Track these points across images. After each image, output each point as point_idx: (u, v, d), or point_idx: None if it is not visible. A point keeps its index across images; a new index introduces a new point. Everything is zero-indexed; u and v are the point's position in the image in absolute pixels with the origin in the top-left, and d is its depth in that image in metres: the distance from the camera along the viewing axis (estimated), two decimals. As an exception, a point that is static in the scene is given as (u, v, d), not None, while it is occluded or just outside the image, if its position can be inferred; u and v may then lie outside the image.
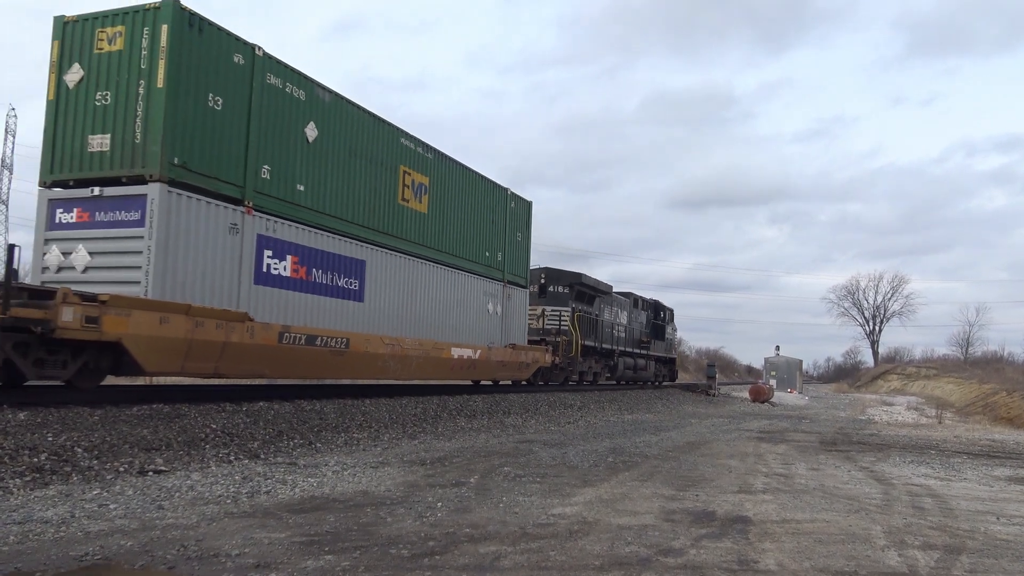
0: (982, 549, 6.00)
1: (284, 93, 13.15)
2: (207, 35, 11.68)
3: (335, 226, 14.38)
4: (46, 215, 11.67)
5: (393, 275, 16.11)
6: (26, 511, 5.88)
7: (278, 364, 12.86)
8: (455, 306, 18.57)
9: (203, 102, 11.63)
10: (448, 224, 18.26)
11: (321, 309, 13.93)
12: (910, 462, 12.11)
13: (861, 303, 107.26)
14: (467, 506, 6.81)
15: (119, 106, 11.29)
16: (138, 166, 11.08)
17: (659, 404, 27.87)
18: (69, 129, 11.61)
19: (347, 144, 14.70)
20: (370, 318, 15.26)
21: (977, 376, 61.72)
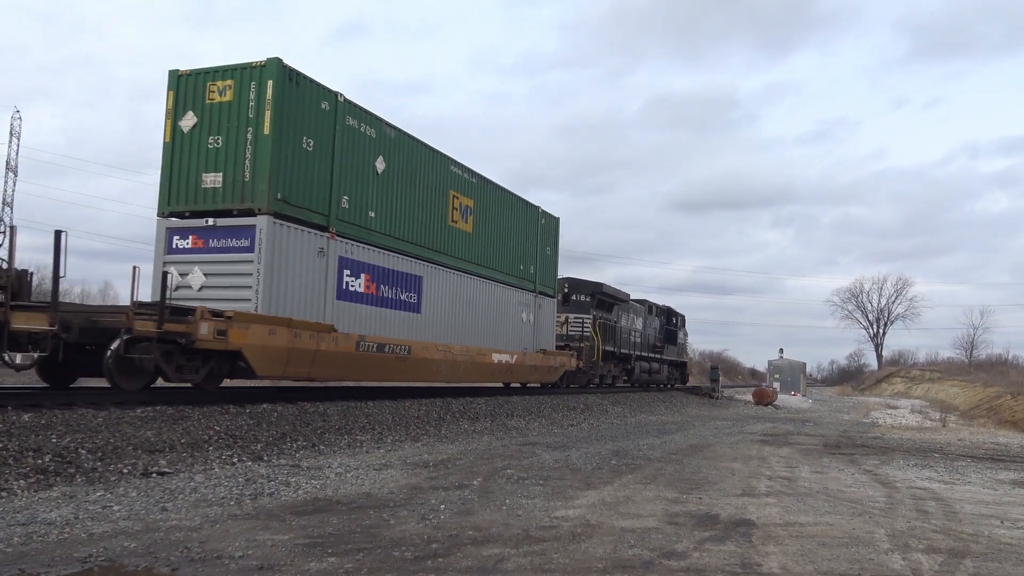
0: (986, 553, 5.98)
1: (359, 132, 15.02)
2: (302, 87, 13.51)
3: (398, 247, 16.27)
4: (164, 241, 13.47)
5: (444, 289, 18.00)
6: (30, 512, 5.89)
7: (355, 369, 14.69)
8: (495, 315, 20.37)
9: (299, 144, 13.46)
10: (489, 241, 20.09)
11: (388, 320, 15.88)
12: (914, 465, 12.08)
13: (865, 306, 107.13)
14: (470, 508, 6.81)
15: (230, 149, 13.12)
16: (248, 200, 12.91)
17: (662, 407, 27.84)
18: (184, 168, 13.45)
19: (408, 174, 16.58)
20: (426, 327, 17.09)
21: (981, 379, 61.56)
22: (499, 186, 20.77)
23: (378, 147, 15.51)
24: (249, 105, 12.98)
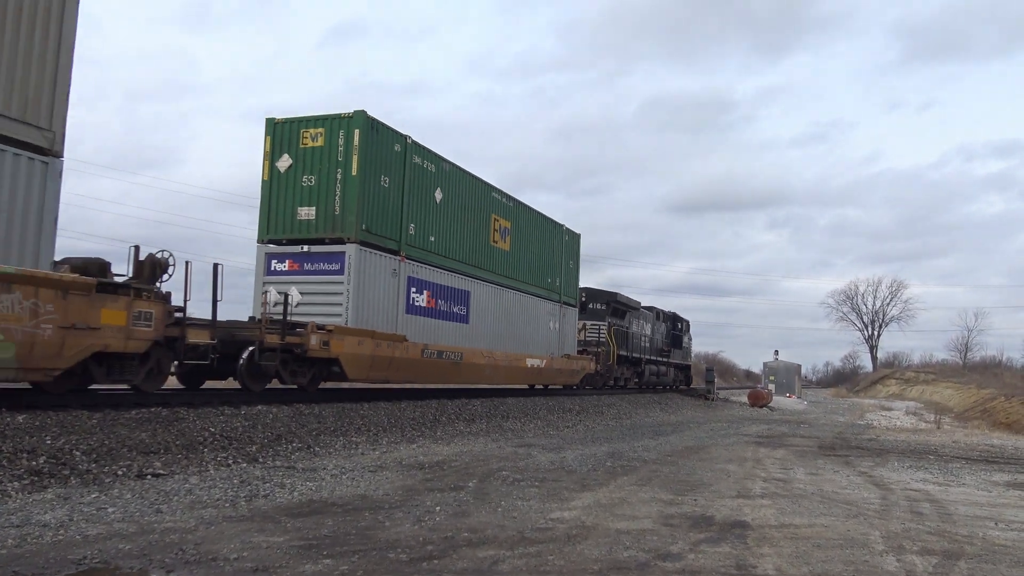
0: (980, 554, 6.00)
1: (423, 168, 17.37)
2: (380, 133, 15.72)
3: (452, 266, 18.58)
4: (264, 264, 15.62)
5: (487, 301, 20.24)
6: (24, 514, 5.87)
7: (420, 372, 16.98)
8: (527, 324, 22.66)
9: (378, 182, 15.68)
10: (523, 258, 22.41)
11: (444, 330, 18.03)
12: (909, 467, 12.11)
13: (860, 308, 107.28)
14: (465, 510, 6.81)
15: (322, 187, 15.28)
16: (338, 231, 15.10)
17: (657, 408, 27.87)
18: (281, 202, 15.63)
19: (459, 201, 18.94)
20: (473, 336, 19.33)
21: (976, 381, 61.76)
22: (530, 208, 23.11)
23: (436, 180, 17.94)
24: (339, 149, 15.23)
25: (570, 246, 26.09)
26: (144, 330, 10.45)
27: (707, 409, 32.44)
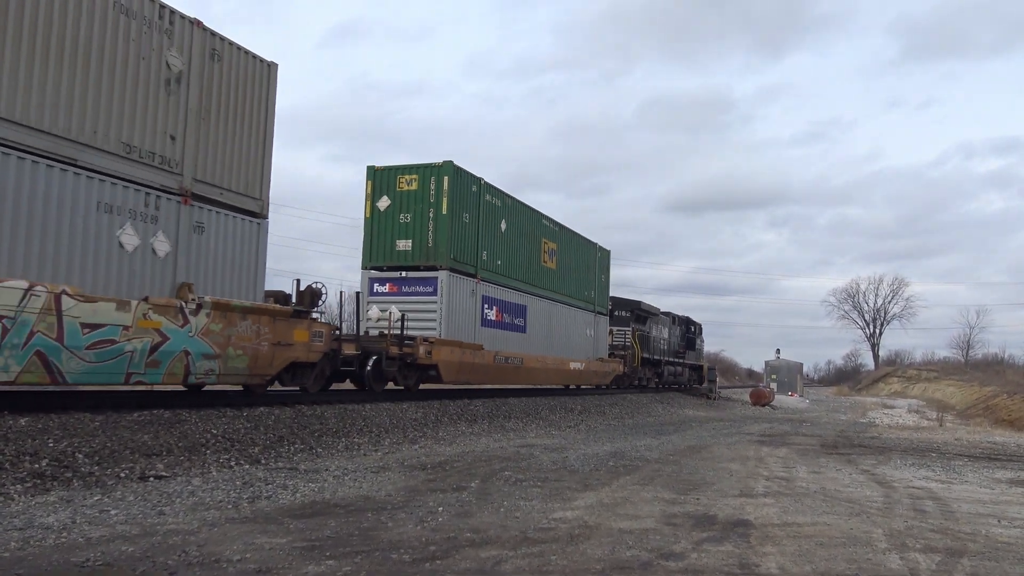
0: (983, 552, 6.00)
1: (492, 204, 20.33)
2: (463, 178, 18.60)
3: (513, 284, 21.53)
4: (367, 286, 18.53)
5: (539, 314, 23.23)
6: (27, 517, 5.88)
7: (493, 375, 20.14)
8: (570, 332, 25.69)
9: (462, 218, 18.65)
10: (566, 274, 25.37)
11: (508, 340, 21.07)
12: (911, 465, 12.10)
13: (861, 306, 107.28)
14: (468, 511, 6.81)
15: (416, 223, 18.24)
16: (431, 259, 18.03)
17: (659, 408, 27.85)
18: (381, 236, 18.56)
19: (519, 229, 21.92)
20: (529, 344, 22.32)
21: (978, 379, 61.73)
22: (571, 230, 26.17)
23: (502, 213, 20.86)
24: (430, 192, 18.13)
25: (602, 262, 29.36)
26: (318, 345, 13.80)
27: (709, 408, 32.42)
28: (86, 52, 9.95)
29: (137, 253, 10.61)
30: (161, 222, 11.02)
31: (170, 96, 11.21)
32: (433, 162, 18.24)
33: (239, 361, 11.85)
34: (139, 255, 10.64)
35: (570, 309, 25.63)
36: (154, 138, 10.97)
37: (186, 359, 10.90)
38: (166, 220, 11.09)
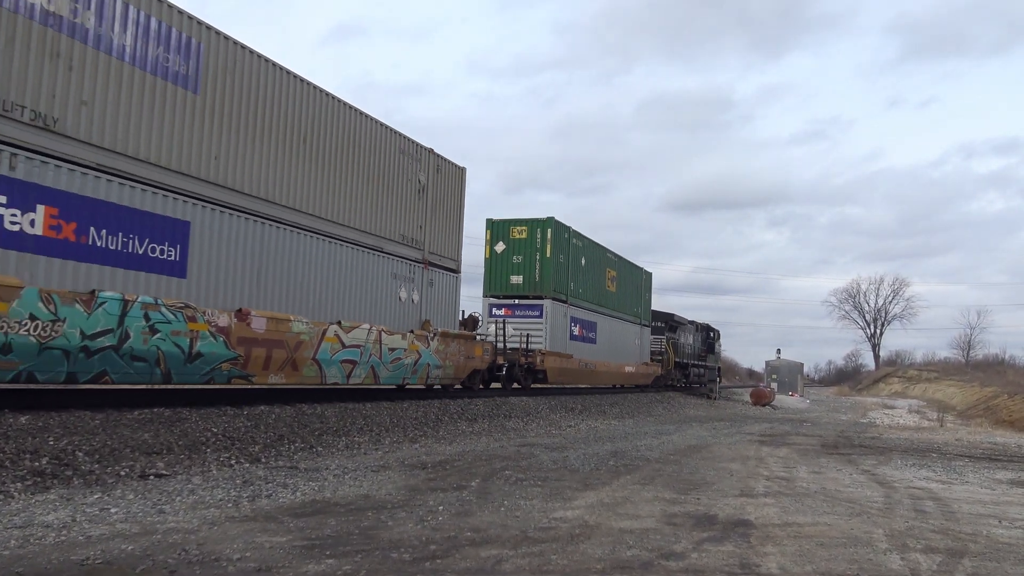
0: (984, 552, 5.99)
1: (576, 245, 26.24)
2: (559, 228, 24.61)
3: (589, 306, 27.52)
4: (487, 310, 23.97)
5: (605, 328, 29.12)
6: (27, 515, 5.88)
7: (578, 377, 26.46)
8: (624, 341, 31.67)
9: (558, 259, 24.54)
10: (621, 295, 31.26)
11: (585, 349, 26.87)
12: (912, 465, 12.09)
13: (862, 306, 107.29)
14: (468, 510, 6.80)
15: (526, 263, 24.15)
16: (538, 291, 23.93)
17: (660, 407, 27.84)
18: (498, 272, 24.51)
19: (592, 263, 27.94)
20: (599, 352, 28.34)
21: (978, 379, 61.69)
22: (625, 259, 32.07)
23: (582, 252, 26.80)
24: (536, 239, 24.18)
25: (646, 282, 35.23)
26: (487, 358, 19.91)
27: (709, 408, 32.41)
28: (387, 180, 15.88)
29: (406, 303, 16.50)
30: (415, 282, 16.92)
31: (419, 201, 17.11)
32: (538, 217, 24.43)
33: (450, 369, 17.83)
34: (407, 304, 16.53)
35: (624, 323, 31.61)
36: (412, 229, 16.84)
37: (428, 368, 16.85)
38: (416, 280, 16.95)
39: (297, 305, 13.18)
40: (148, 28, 10.51)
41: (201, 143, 11.38)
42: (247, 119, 12.20)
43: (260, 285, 12.44)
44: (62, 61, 9.43)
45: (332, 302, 14.06)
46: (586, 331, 26.99)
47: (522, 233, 24.13)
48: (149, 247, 10.52)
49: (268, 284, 12.61)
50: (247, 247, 12.20)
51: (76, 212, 9.59)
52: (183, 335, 10.74)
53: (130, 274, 10.23)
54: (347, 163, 14.57)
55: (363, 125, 15.07)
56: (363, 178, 15.02)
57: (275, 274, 12.76)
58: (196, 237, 11.26)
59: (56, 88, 9.37)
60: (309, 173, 13.58)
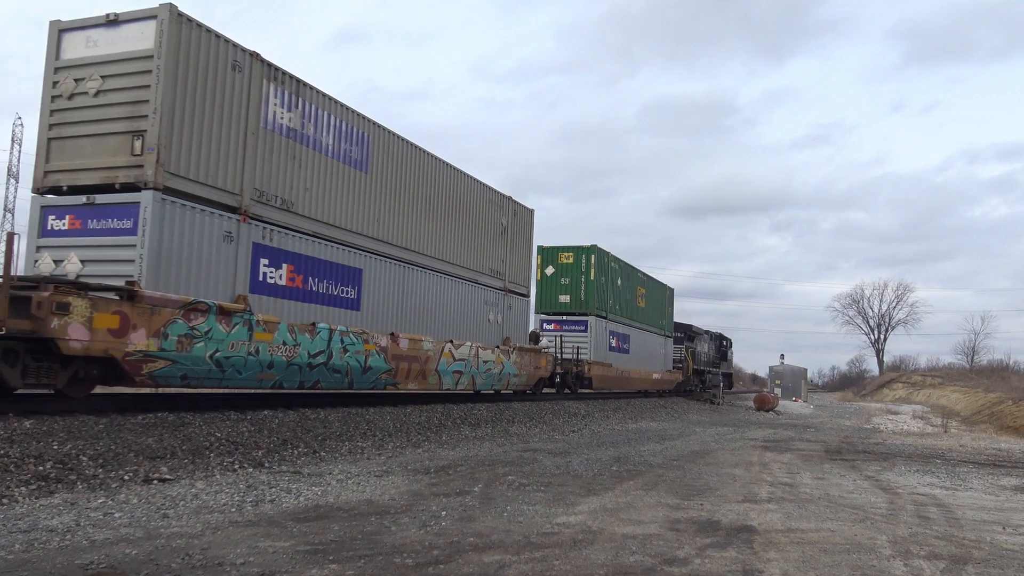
0: (988, 559, 5.97)
1: (614, 268, 30.12)
2: (602, 255, 28.48)
3: (625, 320, 31.43)
4: (539, 326, 26.93)
5: (637, 339, 32.98)
6: (31, 519, 5.89)
7: (616, 383, 29.99)
8: (652, 351, 35.63)
9: (600, 281, 28.28)
10: (650, 310, 35.18)
11: (620, 359, 30.56)
12: (915, 471, 12.06)
13: (866, 311, 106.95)
14: (471, 515, 6.81)
15: (572, 285, 27.78)
16: (583, 309, 27.61)
17: (663, 413, 27.80)
18: (548, 292, 27.97)
19: (627, 283, 31.91)
20: (631, 361, 31.97)
21: (983, 385, 61.44)
22: (654, 278, 36.59)
23: (618, 273, 30.71)
24: (582, 264, 27.87)
25: (669, 297, 39.22)
26: (549, 368, 23.46)
27: (712, 413, 32.34)
28: (480, 225, 19.83)
29: (492, 323, 20.29)
30: (499, 306, 20.74)
31: (502, 239, 21.01)
32: (583, 245, 28.16)
33: (524, 377, 21.70)
34: (493, 324, 20.33)
35: (652, 335, 35.52)
36: (497, 262, 20.74)
37: (509, 376, 20.71)
38: (500, 305, 20.77)
39: (423, 328, 16.95)
40: (340, 130, 14.35)
41: (369, 209, 15.19)
42: (394, 187, 16.04)
43: (402, 313, 16.24)
44: (295, 161, 13.20)
45: (445, 325, 17.90)
46: (621, 343, 30.75)
47: (569, 259, 27.92)
48: (339, 289, 14.26)
49: (407, 312, 16.42)
50: (394, 285, 16.01)
51: (302, 267, 13.32)
52: (361, 353, 14.39)
53: (329, 309, 13.93)
54: (454, 214, 18.52)
55: (464, 182, 19.03)
56: (464, 224, 18.99)
57: (411, 304, 16.56)
58: (366, 280, 15.07)
59: (292, 180, 13.13)
60: (430, 224, 17.42)
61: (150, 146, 10.69)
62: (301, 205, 13.28)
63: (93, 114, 11.18)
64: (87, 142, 11.18)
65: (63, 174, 11.27)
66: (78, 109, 11.30)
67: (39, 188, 11.45)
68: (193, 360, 10.96)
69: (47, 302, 9.14)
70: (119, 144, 10.93)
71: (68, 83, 11.39)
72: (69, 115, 11.37)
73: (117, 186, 10.85)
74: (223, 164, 11.79)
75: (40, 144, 11.51)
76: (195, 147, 11.31)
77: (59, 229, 11.18)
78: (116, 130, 10.98)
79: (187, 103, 11.16)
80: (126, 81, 11.01)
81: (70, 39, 11.58)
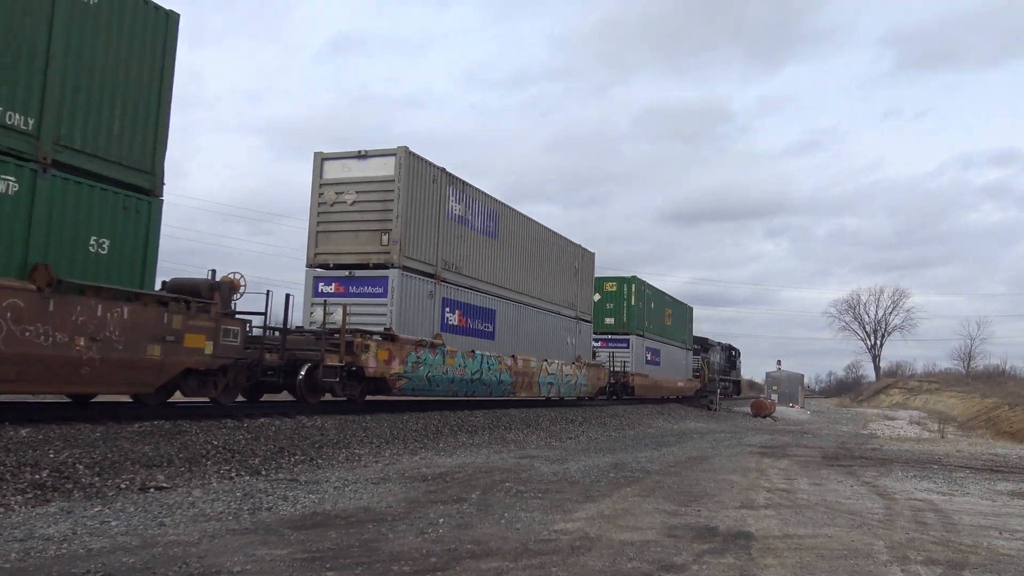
0: (985, 564, 5.99)
1: (649, 294, 34.92)
2: (639, 283, 33.86)
3: (655, 338, 35.80)
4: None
5: (665, 353, 37.58)
6: (28, 528, 5.88)
7: (651, 391, 34.42)
8: (676, 362, 40.04)
9: (640, 305, 33.67)
10: (675, 327, 39.86)
11: (653, 370, 35.14)
12: (912, 477, 12.08)
13: (862, 317, 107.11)
14: (469, 522, 6.80)
15: (616, 309, 32.93)
16: (626, 329, 32.81)
17: (660, 419, 27.80)
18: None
19: (657, 305, 36.53)
20: (662, 371, 36.59)
21: (979, 390, 61.55)
22: (679, 300, 41.67)
23: (652, 298, 35.52)
24: (624, 292, 32.88)
25: (689, 315, 44.01)
26: (605, 379, 28.78)
27: (710, 419, 32.35)
28: (561, 268, 24.90)
29: (569, 345, 25.29)
30: (573, 331, 25.75)
31: (574, 278, 26.12)
32: (625, 275, 33.68)
33: (589, 387, 26.91)
34: (570, 346, 25.30)
35: (677, 348, 40.31)
36: (571, 297, 25.83)
37: (580, 386, 25.94)
38: (573, 330, 25.80)
39: (529, 350, 22.38)
40: (483, 211, 19.99)
41: (498, 265, 20.76)
42: (512, 247, 21.59)
43: (517, 340, 21.80)
44: (461, 238, 18.76)
45: (541, 347, 23.28)
46: (654, 356, 35.63)
47: (613, 287, 32.88)
48: (483, 325, 19.89)
49: (520, 339, 21.92)
50: (513, 319, 21.63)
51: (465, 311, 18.95)
52: (497, 371, 20.07)
53: (478, 340, 19.48)
54: (545, 261, 23.79)
55: (551, 237, 24.47)
56: (551, 269, 24.30)
57: (522, 333, 22.09)
58: (498, 317, 20.67)
59: (459, 251, 18.68)
60: (531, 270, 22.82)
61: (394, 239, 16.05)
62: (464, 268, 18.89)
63: (350, 216, 16.52)
64: (346, 235, 16.56)
65: (329, 255, 16.69)
66: (338, 212, 16.64)
67: (311, 264, 16.88)
68: (418, 378, 16.42)
69: (361, 344, 14.64)
70: (370, 237, 16.30)
71: (330, 195, 16.75)
72: (332, 216, 16.71)
73: (371, 264, 16.16)
74: (428, 246, 17.25)
75: (311, 235, 16.92)
76: (416, 236, 16.71)
77: (326, 292, 16.35)
78: (368, 228, 16.34)
79: (412, 208, 16.52)
80: (375, 196, 16.34)
81: (330, 165, 16.95)
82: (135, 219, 10.56)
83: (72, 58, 9.79)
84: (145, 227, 10.70)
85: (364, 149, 16.61)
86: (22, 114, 9.22)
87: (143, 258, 10.64)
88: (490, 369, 19.49)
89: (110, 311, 9.68)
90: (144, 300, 10.34)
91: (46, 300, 8.98)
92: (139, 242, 10.59)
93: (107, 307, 9.66)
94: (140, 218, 10.63)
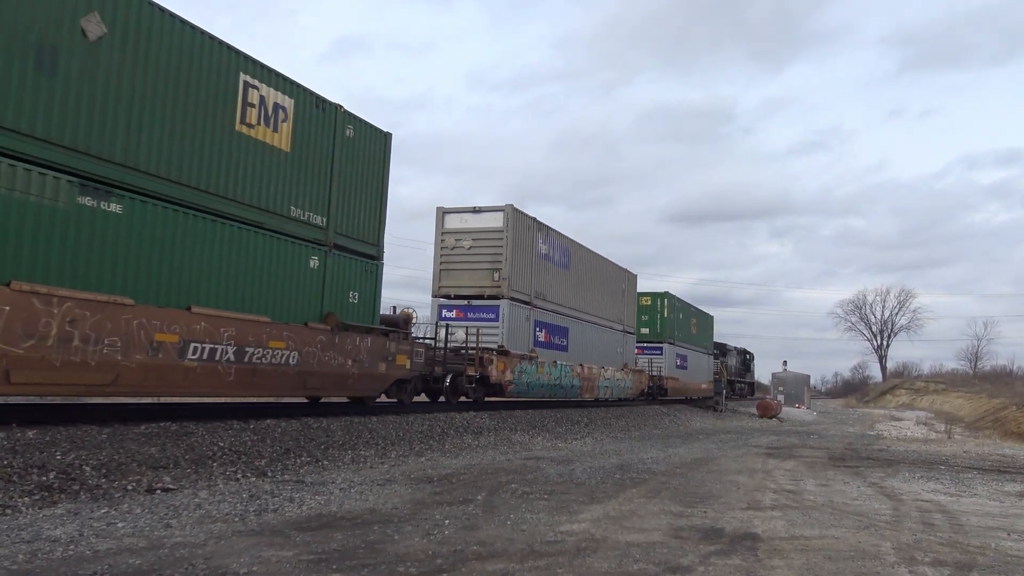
0: (993, 565, 5.96)
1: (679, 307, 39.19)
2: (671, 298, 37.87)
3: (685, 345, 39.41)
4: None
5: (691, 358, 40.74)
6: (35, 529, 5.90)
7: (680, 392, 38.09)
8: (700, 366, 43.05)
9: (672, 315, 37.49)
10: (699, 335, 43.24)
11: (681, 373, 38.65)
12: (920, 477, 12.03)
13: (868, 317, 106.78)
14: (474, 523, 6.80)
15: (651, 320, 36.46)
16: (660, 338, 36.53)
17: (666, 420, 27.76)
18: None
19: (685, 315, 39.78)
20: (688, 375, 39.76)
21: (986, 390, 61.30)
22: (703, 310, 45.15)
23: (680, 309, 39.08)
24: (657, 305, 36.47)
25: (710, 323, 47.24)
26: (646, 383, 32.87)
27: (715, 420, 32.30)
28: (612, 288, 29.21)
29: (618, 353, 29.38)
30: (621, 342, 29.65)
31: (622, 297, 30.11)
32: (659, 291, 36.99)
33: (634, 390, 30.51)
34: (618, 354, 29.39)
35: (700, 354, 43.52)
36: (619, 312, 29.72)
37: (627, 389, 29.62)
38: (621, 341, 29.72)
39: (591, 359, 26.32)
40: (559, 247, 24.17)
41: (569, 291, 24.88)
42: (578, 274, 25.78)
43: (583, 350, 25.77)
44: (546, 272, 23.01)
45: (599, 356, 27.22)
46: (683, 361, 39.08)
47: (647, 301, 36.10)
48: (560, 340, 23.94)
49: (585, 350, 25.91)
50: (581, 334, 25.77)
51: (549, 330, 23.14)
52: (570, 377, 24.14)
53: (557, 352, 23.55)
54: (601, 284, 27.93)
55: (605, 263, 28.44)
56: (605, 290, 28.37)
57: (586, 345, 26.15)
58: (571, 333, 24.83)
59: (545, 282, 22.95)
60: (591, 292, 26.96)
61: (504, 276, 20.56)
62: (548, 295, 23.16)
63: (467, 258, 21.00)
64: (464, 273, 20.99)
65: (450, 287, 21.13)
66: (458, 255, 21.09)
67: (436, 294, 21.30)
68: (521, 384, 20.81)
69: (487, 358, 19.31)
70: (484, 275, 20.78)
71: (450, 241, 21.24)
72: (452, 257, 21.18)
73: (485, 296, 20.65)
74: (525, 280, 21.62)
75: (435, 272, 21.37)
76: (518, 273, 21.14)
77: (448, 316, 20.63)
78: (482, 268, 20.81)
79: (516, 252, 21.05)
80: (487, 242, 20.85)
81: (450, 217, 21.47)
82: (371, 277, 14.82)
83: (341, 175, 14.11)
84: (374, 282, 14.97)
85: (478, 205, 21.38)
86: (320, 215, 13.59)
87: (373, 303, 14.88)
88: (566, 376, 23.66)
89: (362, 341, 14.02)
90: (376, 333, 14.59)
91: (334, 336, 13.32)
92: (371, 293, 14.83)
93: (361, 339, 14.01)
94: (373, 276, 14.87)
